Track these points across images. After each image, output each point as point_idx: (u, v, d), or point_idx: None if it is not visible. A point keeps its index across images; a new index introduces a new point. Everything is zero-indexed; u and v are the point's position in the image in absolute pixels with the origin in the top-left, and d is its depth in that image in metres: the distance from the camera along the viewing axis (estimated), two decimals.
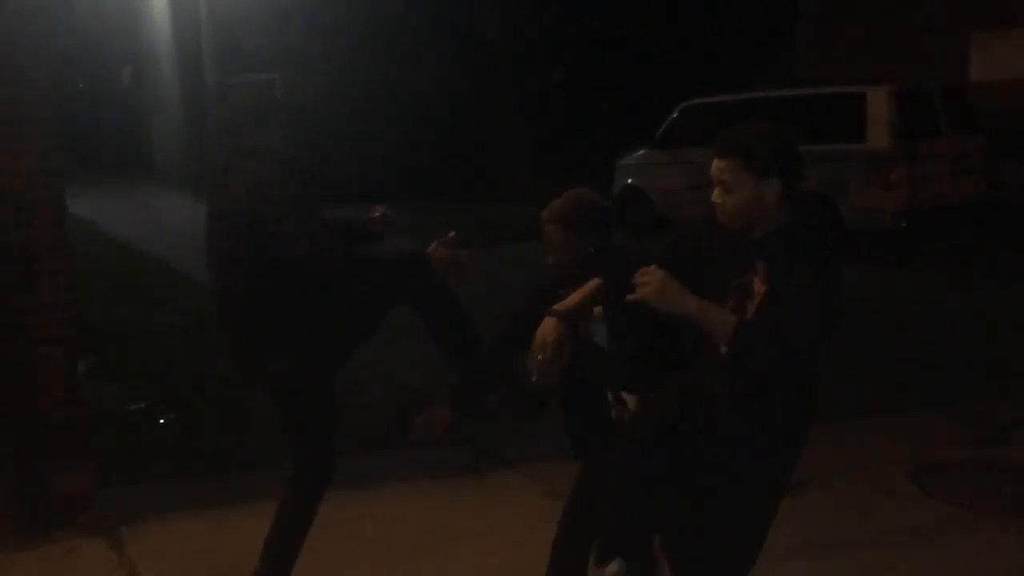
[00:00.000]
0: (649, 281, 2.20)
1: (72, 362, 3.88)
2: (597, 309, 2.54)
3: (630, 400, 2.65)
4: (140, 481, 4.33)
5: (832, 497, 4.00)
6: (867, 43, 13.28)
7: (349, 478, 4.22)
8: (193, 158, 19.28)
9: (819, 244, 2.27)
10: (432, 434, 2.93)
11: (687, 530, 2.47)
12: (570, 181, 3.16)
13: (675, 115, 11.44)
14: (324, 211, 3.04)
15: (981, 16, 12.41)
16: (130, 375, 5.83)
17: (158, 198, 17.99)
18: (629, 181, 11.91)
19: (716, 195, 2.31)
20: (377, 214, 3.25)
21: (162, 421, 5.05)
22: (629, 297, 2.22)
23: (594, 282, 2.45)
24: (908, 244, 9.38)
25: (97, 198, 16.81)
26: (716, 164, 2.30)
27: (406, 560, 3.56)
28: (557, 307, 2.44)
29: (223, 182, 3.00)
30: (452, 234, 2.90)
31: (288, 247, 2.76)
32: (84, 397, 4.07)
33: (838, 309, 2.22)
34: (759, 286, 2.27)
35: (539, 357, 2.41)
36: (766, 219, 2.29)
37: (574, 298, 2.43)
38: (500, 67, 16.40)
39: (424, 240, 3.10)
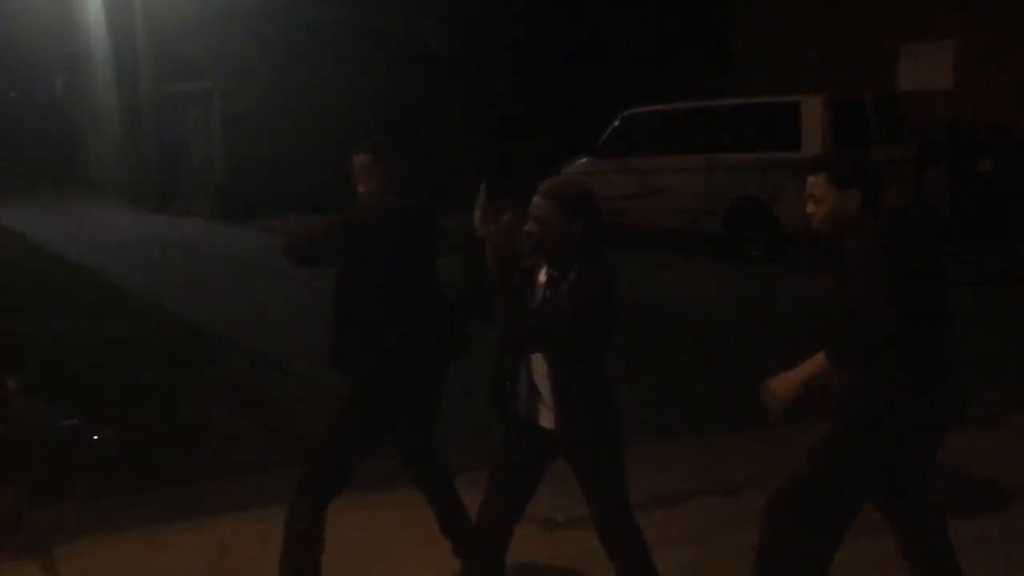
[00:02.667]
0: (769, 399, 2.67)
1: (0, 377, 3.77)
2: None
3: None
4: (74, 499, 4.23)
5: (768, 496, 4.08)
6: (801, 53, 13.60)
7: (291, 491, 4.18)
8: (130, 167, 18.91)
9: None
10: None
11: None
12: (513, 189, 3.18)
13: (616, 124, 11.57)
14: None
15: (909, 28, 12.80)
16: (64, 390, 5.69)
17: (94, 208, 17.59)
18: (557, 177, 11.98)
19: (810, 207, 2.72)
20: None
21: (96, 437, 4.93)
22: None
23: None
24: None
25: (30, 209, 16.38)
26: (810, 180, 2.71)
27: (347, 574, 3.53)
28: None
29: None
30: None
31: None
32: (14, 413, 3.96)
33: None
34: None
35: None
36: (851, 232, 2.63)
37: None
38: (443, 76, 16.41)
39: None
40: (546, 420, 2.74)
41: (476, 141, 16.75)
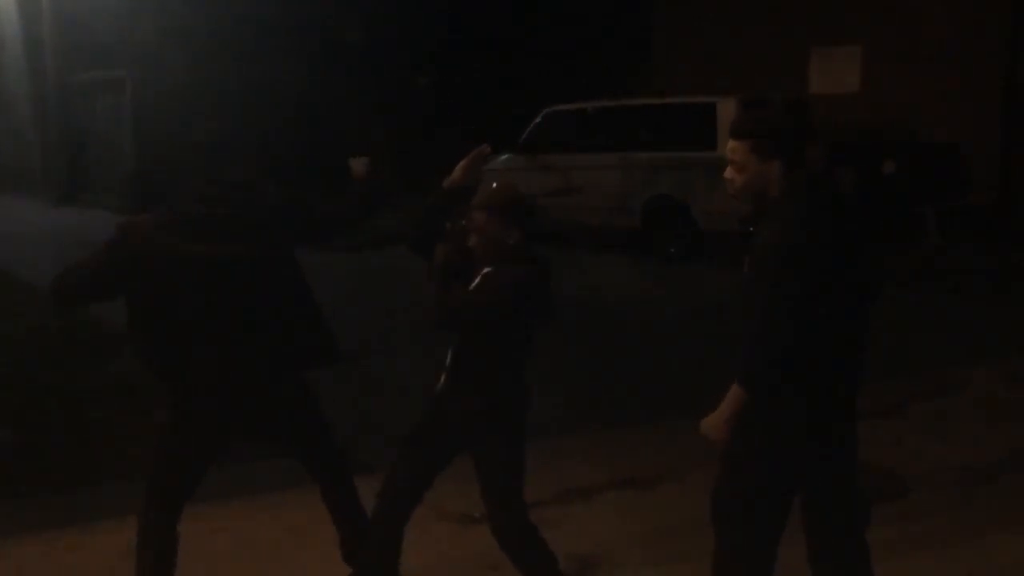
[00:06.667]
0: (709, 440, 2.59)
1: None
2: None
3: None
4: None
5: (682, 488, 4.18)
6: (717, 56, 13.90)
7: (204, 491, 4.07)
8: (35, 158, 18.17)
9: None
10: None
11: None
12: (434, 186, 3.22)
13: (538, 120, 11.62)
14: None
15: (821, 31, 13.21)
16: None
17: None
18: (493, 186, 11.99)
19: (728, 172, 2.60)
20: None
21: None
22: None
23: None
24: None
25: None
26: (730, 144, 2.59)
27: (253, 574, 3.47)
28: None
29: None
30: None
31: None
32: None
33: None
34: None
35: None
36: (769, 211, 2.54)
37: None
38: (362, 70, 16.23)
39: None
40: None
41: (396, 137, 16.61)
